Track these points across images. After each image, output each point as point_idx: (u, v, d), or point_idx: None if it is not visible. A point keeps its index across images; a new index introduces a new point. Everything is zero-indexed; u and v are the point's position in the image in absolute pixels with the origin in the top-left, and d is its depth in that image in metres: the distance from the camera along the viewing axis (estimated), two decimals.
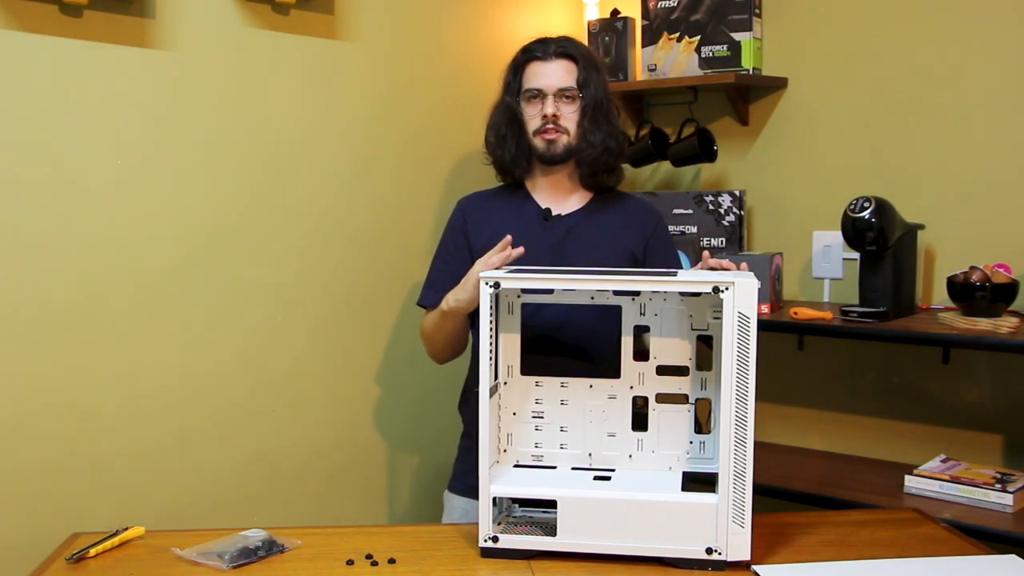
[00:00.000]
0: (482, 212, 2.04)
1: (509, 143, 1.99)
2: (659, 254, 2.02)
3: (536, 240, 1.92)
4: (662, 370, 1.63)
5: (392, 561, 1.53)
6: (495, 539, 1.52)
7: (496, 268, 1.71)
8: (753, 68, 2.55)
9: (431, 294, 2.02)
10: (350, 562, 1.52)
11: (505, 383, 1.64)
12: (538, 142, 1.97)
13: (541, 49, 1.97)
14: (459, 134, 2.52)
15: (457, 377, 2.12)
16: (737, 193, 2.58)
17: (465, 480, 1.99)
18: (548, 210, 2.00)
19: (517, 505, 1.61)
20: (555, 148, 1.96)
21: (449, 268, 2.00)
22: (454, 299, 1.87)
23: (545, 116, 1.95)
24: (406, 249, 2.45)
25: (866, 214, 2.17)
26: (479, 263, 1.80)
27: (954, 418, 2.38)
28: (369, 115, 2.37)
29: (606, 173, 2.01)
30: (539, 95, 1.96)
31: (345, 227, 2.34)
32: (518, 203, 2.03)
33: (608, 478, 1.59)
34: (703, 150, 2.59)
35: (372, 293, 2.41)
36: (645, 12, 2.73)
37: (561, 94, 1.96)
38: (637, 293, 1.61)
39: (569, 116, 1.96)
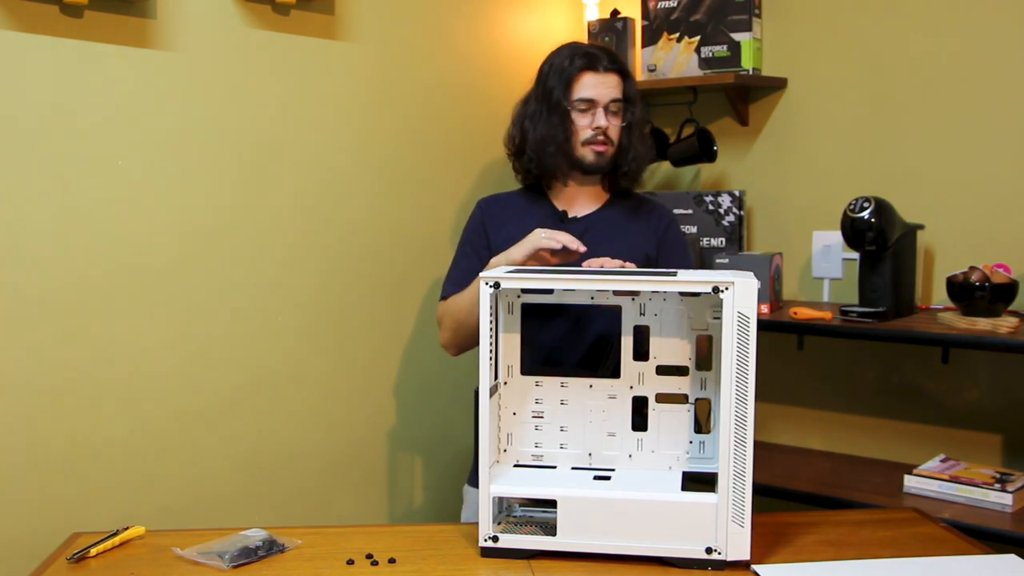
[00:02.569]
0: (500, 212, 2.06)
1: (553, 150, 1.98)
2: (671, 250, 2.04)
3: None
4: (662, 370, 1.63)
5: (392, 561, 1.53)
6: (495, 539, 1.53)
7: (559, 246, 1.78)
8: (753, 68, 2.55)
9: (455, 288, 2.02)
10: (350, 562, 1.52)
11: (505, 383, 1.65)
12: (586, 152, 1.99)
13: (595, 61, 1.98)
14: (459, 134, 2.53)
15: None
16: (737, 193, 2.58)
17: None
18: (564, 212, 2.03)
19: (517, 505, 1.61)
20: (603, 160, 1.99)
21: (470, 263, 2.01)
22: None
23: (597, 128, 1.97)
24: (405, 247, 2.45)
25: (866, 214, 2.17)
26: (538, 232, 1.80)
27: (953, 418, 2.38)
28: (369, 115, 2.37)
29: (633, 180, 2.06)
30: (591, 106, 1.97)
31: (344, 226, 2.34)
32: (535, 205, 2.06)
33: (608, 478, 1.59)
34: (703, 150, 2.59)
35: (371, 291, 2.41)
36: (645, 12, 2.73)
37: (609, 107, 1.98)
38: (637, 293, 1.61)
39: (614, 128, 1.99)
